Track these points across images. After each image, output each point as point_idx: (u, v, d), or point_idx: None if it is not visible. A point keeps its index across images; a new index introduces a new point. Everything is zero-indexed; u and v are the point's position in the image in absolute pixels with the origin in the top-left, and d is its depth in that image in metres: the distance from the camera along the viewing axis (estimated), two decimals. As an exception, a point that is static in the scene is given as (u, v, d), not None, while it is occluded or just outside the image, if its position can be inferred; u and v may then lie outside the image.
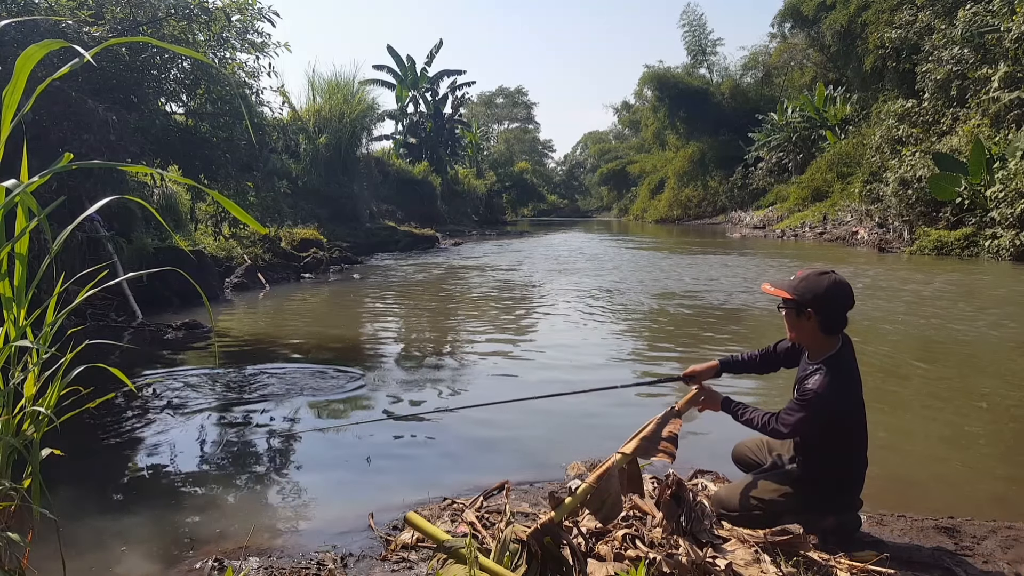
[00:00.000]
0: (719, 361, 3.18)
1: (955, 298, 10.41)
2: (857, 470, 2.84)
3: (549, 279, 13.78)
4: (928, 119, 21.02)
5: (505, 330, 8.42)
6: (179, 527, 3.17)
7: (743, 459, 3.22)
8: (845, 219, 24.10)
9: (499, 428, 4.65)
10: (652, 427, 2.69)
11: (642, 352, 7.37)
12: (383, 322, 9.42)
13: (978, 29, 19.38)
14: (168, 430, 4.55)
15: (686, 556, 2.40)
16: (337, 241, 18.37)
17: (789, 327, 2.88)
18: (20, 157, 2.13)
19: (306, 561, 2.78)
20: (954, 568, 2.63)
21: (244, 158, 10.25)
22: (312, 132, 22.77)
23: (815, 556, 2.60)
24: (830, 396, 2.69)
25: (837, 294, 2.75)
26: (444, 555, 2.33)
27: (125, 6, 8.46)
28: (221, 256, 12.69)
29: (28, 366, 2.13)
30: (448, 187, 38.47)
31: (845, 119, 30.97)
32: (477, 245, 25.19)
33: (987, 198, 16.23)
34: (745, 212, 36.37)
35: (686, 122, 43.94)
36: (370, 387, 5.63)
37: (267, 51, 9.92)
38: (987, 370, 6.43)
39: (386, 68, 38.75)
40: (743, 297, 10.63)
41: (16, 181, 1.89)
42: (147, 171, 8.95)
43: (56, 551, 2.13)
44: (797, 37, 38.58)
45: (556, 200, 74.25)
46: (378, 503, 3.36)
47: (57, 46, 1.89)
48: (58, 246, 2.05)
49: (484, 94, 76.02)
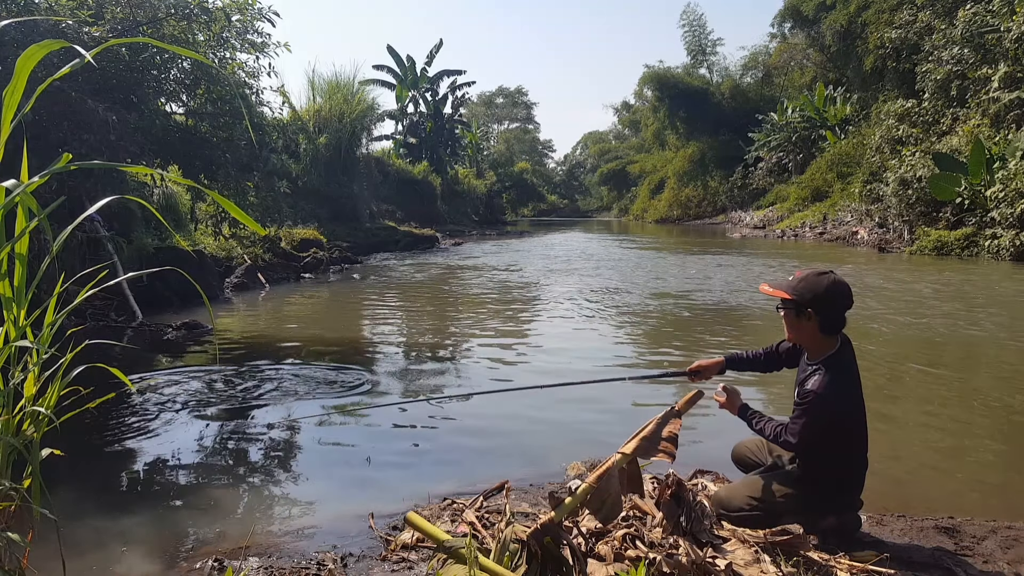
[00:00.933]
0: (725, 358, 3.20)
1: (955, 298, 10.41)
2: (857, 470, 2.84)
3: (549, 279, 13.78)
4: (928, 119, 21.02)
5: (505, 330, 8.42)
6: (179, 527, 3.17)
7: (743, 459, 3.22)
8: (845, 219, 24.10)
9: (499, 428, 4.65)
10: (652, 427, 2.69)
11: (642, 352, 7.37)
12: (383, 322, 9.42)
13: (978, 29, 19.38)
14: (168, 430, 4.55)
15: (686, 556, 2.40)
16: (337, 241, 18.37)
17: (788, 328, 2.87)
18: (20, 157, 2.13)
19: (306, 561, 2.78)
20: (954, 568, 2.63)
21: (244, 158, 10.25)
22: (312, 132, 22.77)
23: (815, 556, 2.59)
24: (829, 396, 2.69)
25: (837, 294, 2.75)
26: (444, 555, 2.33)
27: (125, 6, 8.46)
28: (221, 256, 12.69)
29: (28, 366, 2.13)
30: (448, 187, 38.47)
31: (845, 119, 30.97)
32: (477, 245, 25.19)
33: (987, 198, 16.23)
34: (745, 212, 36.37)
35: (686, 122, 43.96)
36: (371, 386, 5.63)
37: (267, 51, 9.94)
38: (987, 370, 6.43)
39: (386, 68, 38.78)
40: (742, 297, 10.63)
41: (16, 181, 1.89)
42: (147, 171, 8.95)
43: (56, 551, 2.13)
44: (797, 37, 38.60)
45: (556, 200, 74.21)
46: (378, 503, 3.36)
47: (57, 46, 1.89)
48: (58, 246, 2.05)
49: (484, 94, 76.14)
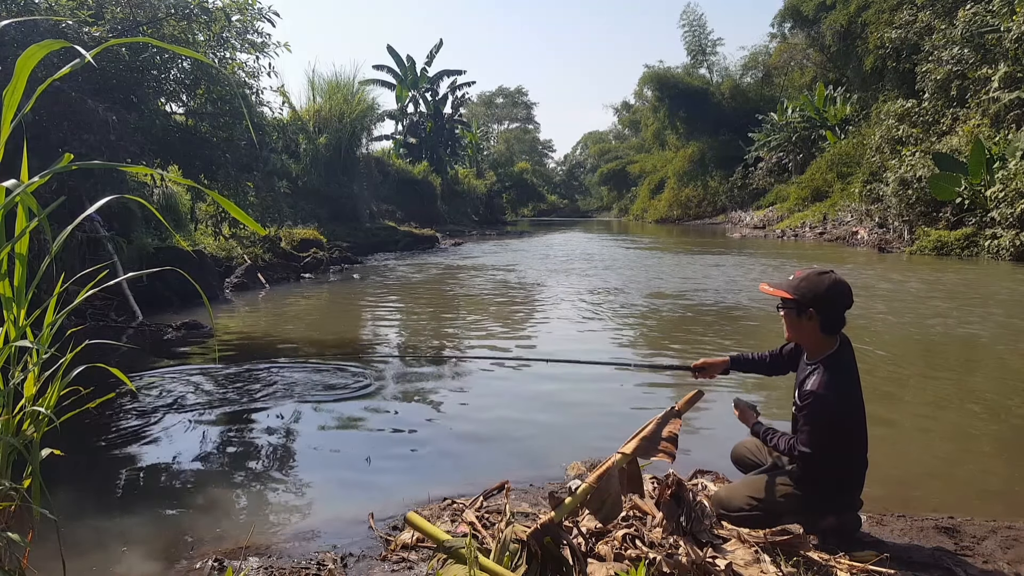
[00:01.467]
0: (730, 358, 3.23)
1: (955, 298, 10.41)
2: (857, 470, 2.84)
3: (549, 279, 13.77)
4: (928, 119, 21.02)
5: (505, 329, 8.42)
6: (179, 527, 3.17)
7: (743, 459, 3.23)
8: (845, 219, 24.10)
9: (499, 429, 4.65)
10: (652, 427, 2.69)
11: (641, 352, 7.37)
12: (384, 322, 9.42)
13: (978, 29, 19.38)
14: (168, 430, 4.54)
15: (686, 556, 2.40)
16: (337, 241, 18.36)
17: (788, 327, 2.88)
18: (20, 157, 2.13)
19: (306, 561, 2.78)
20: (954, 568, 2.63)
21: (244, 158, 10.24)
22: (312, 132, 22.75)
23: (815, 556, 2.59)
24: (829, 396, 2.69)
25: (838, 293, 2.76)
26: (444, 555, 2.33)
27: (125, 6, 8.46)
28: (221, 256, 12.69)
29: (28, 366, 2.13)
30: (448, 187, 38.46)
31: (845, 119, 30.97)
32: (477, 245, 25.18)
33: (987, 198, 16.23)
34: (745, 212, 36.36)
35: (686, 122, 43.95)
36: (371, 386, 5.63)
37: (267, 51, 9.93)
38: (987, 370, 6.43)
39: (386, 68, 38.77)
40: (741, 297, 10.63)
41: (16, 181, 1.89)
42: (147, 171, 8.95)
43: (56, 551, 2.13)
44: (797, 37, 38.59)
45: (556, 200, 74.19)
46: (378, 503, 3.36)
47: (57, 46, 1.89)
48: (58, 246, 2.05)
49: (484, 94, 76.11)
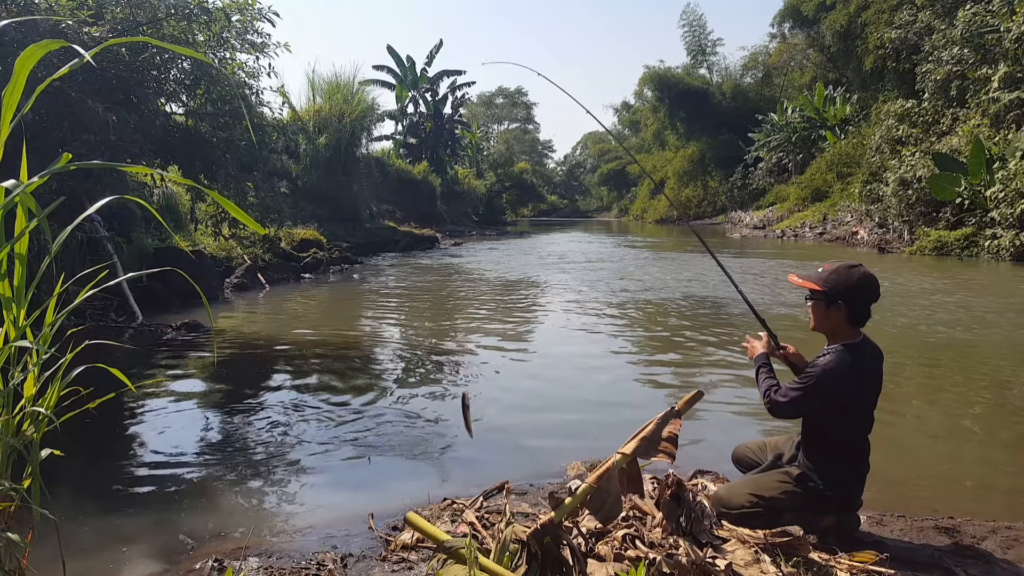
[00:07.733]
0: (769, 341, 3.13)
1: (955, 298, 10.41)
2: (857, 470, 2.84)
3: (549, 279, 13.77)
4: (928, 119, 21.01)
5: (506, 329, 8.41)
6: (179, 527, 3.17)
7: (743, 460, 3.23)
8: (845, 219, 24.09)
9: (499, 429, 4.65)
10: (652, 427, 2.69)
11: (642, 352, 7.37)
12: (384, 322, 9.41)
13: (978, 29, 19.37)
14: (168, 430, 4.55)
15: (686, 556, 2.40)
16: (337, 241, 18.36)
17: (815, 318, 2.90)
18: (20, 157, 2.13)
19: (306, 561, 2.78)
20: (954, 568, 2.63)
21: (244, 158, 10.23)
22: (312, 132, 22.73)
23: (815, 556, 2.59)
24: (834, 374, 2.70)
25: (867, 286, 2.80)
26: (444, 555, 2.33)
27: (125, 6, 8.45)
28: (221, 256, 12.69)
29: (28, 366, 2.13)
30: (448, 187, 38.47)
31: (845, 119, 30.97)
32: (477, 245, 25.19)
33: (987, 198, 16.23)
34: (745, 212, 36.35)
35: (686, 122, 43.96)
36: (371, 385, 5.63)
37: (267, 51, 9.90)
38: (987, 370, 6.42)
39: (386, 68, 38.79)
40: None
41: (16, 181, 1.89)
42: (147, 171, 8.95)
43: (56, 551, 2.13)
44: (797, 37, 38.63)
45: (556, 200, 74.17)
46: (378, 503, 3.37)
47: (57, 46, 1.89)
48: (58, 246, 2.05)
49: (484, 94, 76.06)
